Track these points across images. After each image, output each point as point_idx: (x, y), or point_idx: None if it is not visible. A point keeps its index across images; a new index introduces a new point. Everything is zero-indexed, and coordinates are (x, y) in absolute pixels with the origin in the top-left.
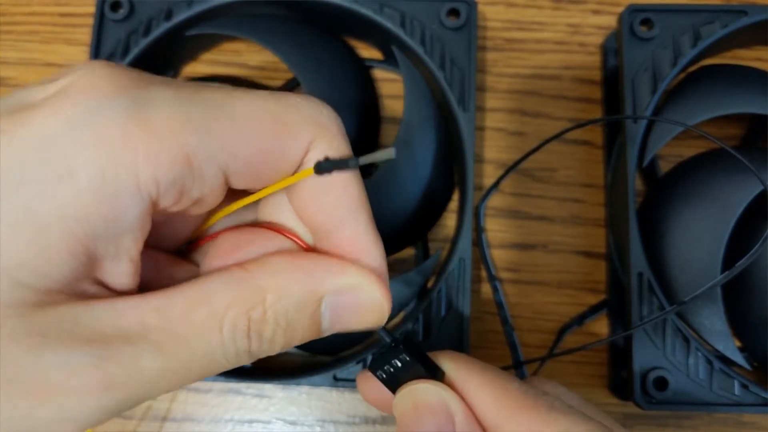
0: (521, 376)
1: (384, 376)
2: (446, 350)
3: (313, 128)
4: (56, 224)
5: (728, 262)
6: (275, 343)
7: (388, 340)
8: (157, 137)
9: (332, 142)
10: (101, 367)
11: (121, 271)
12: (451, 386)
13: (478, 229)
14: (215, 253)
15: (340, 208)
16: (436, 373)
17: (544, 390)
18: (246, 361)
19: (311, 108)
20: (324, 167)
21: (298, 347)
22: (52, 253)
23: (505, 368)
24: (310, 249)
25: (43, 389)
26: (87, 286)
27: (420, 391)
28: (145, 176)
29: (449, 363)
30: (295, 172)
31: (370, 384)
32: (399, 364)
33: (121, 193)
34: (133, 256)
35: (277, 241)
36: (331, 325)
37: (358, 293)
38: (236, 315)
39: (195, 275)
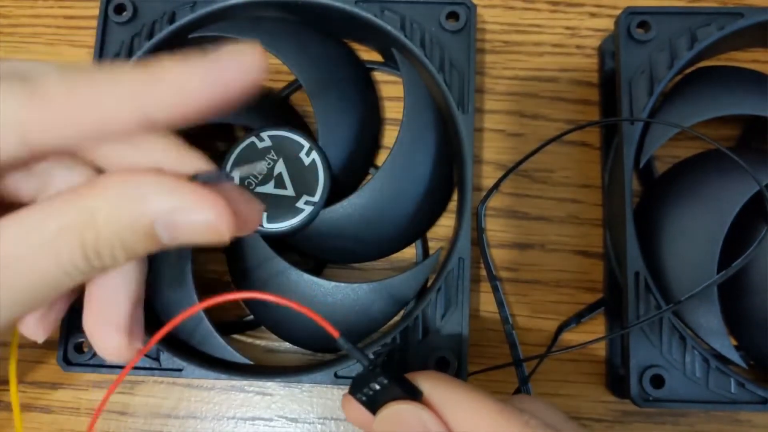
0: (521, 375)
1: (364, 398)
2: (424, 371)
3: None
4: None
5: (724, 261)
6: (117, 258)
7: (365, 364)
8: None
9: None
10: None
11: None
12: (428, 406)
13: (479, 230)
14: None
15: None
16: (414, 394)
17: (522, 408)
18: (96, 274)
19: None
20: (201, 179)
21: (298, 346)
22: None
23: (504, 366)
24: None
25: None
26: None
27: (398, 412)
28: None
29: (427, 383)
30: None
31: (353, 406)
32: (377, 387)
33: None
34: None
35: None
36: (171, 241)
37: (189, 214)
38: (70, 238)
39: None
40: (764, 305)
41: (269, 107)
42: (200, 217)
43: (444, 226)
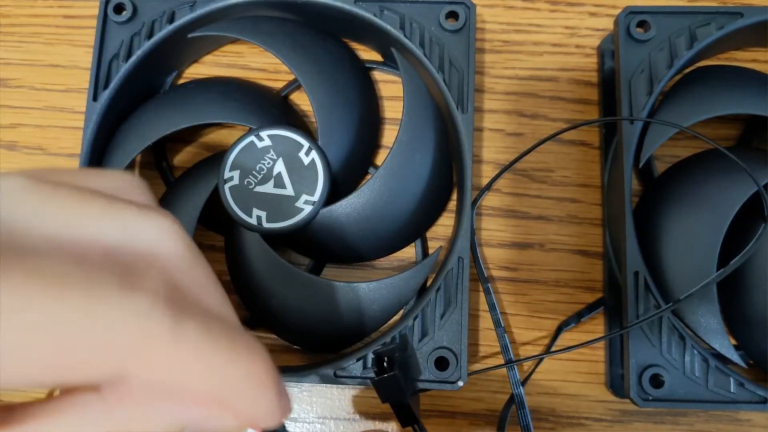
0: (513, 378)
1: None
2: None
3: (131, 349)
4: None
5: (723, 261)
6: None
7: None
8: None
9: (166, 353)
10: None
11: None
12: None
13: (471, 231)
14: None
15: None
16: None
17: None
18: None
19: (135, 319)
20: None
21: (298, 345)
22: None
23: (502, 366)
24: None
25: None
26: None
27: None
28: None
29: None
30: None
31: None
32: None
33: None
34: None
35: None
36: None
37: (221, 420)
38: None
39: None
40: (763, 305)
41: (269, 106)
42: (228, 424)
43: (444, 225)
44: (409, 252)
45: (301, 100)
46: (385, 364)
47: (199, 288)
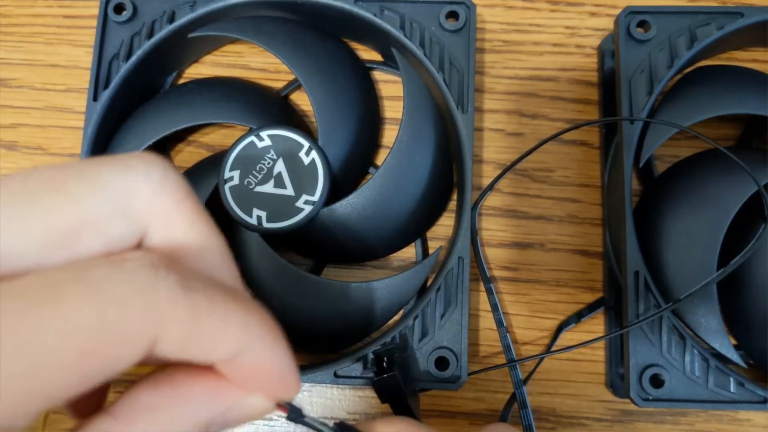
0: (515, 378)
1: None
2: (386, 418)
3: (152, 321)
4: None
5: (723, 261)
6: None
7: (321, 429)
8: None
9: (180, 320)
10: None
11: None
12: None
13: (472, 232)
14: None
15: (221, 352)
16: None
17: None
18: None
19: (144, 294)
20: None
21: (298, 345)
22: None
23: (503, 366)
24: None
25: None
26: None
27: None
28: None
29: None
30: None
31: None
32: None
33: None
34: None
35: None
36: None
37: (241, 408)
38: None
39: None
40: (764, 305)
41: (269, 106)
42: (251, 407)
43: (444, 225)
44: (409, 252)
45: (301, 100)
46: (384, 364)
47: (198, 249)
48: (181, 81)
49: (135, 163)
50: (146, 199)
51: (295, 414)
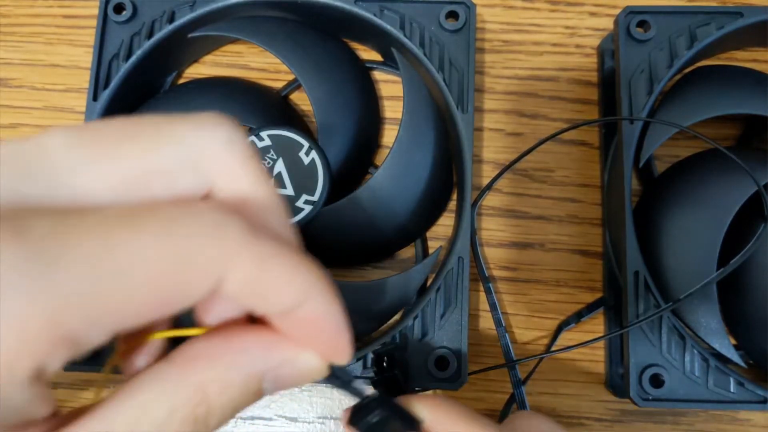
0: (514, 379)
1: (364, 429)
2: (424, 395)
3: (221, 254)
4: None
5: (723, 261)
6: (222, 421)
7: (362, 398)
8: (24, 332)
9: (249, 259)
10: None
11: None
12: None
13: (471, 232)
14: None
15: (285, 299)
16: (412, 424)
17: (522, 429)
18: None
19: (213, 228)
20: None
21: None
22: None
23: (502, 366)
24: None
25: None
26: None
27: None
28: (22, 372)
29: (426, 409)
30: (207, 299)
31: None
32: (376, 419)
33: (1, 392)
34: (36, 415)
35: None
36: (272, 391)
37: (295, 364)
38: (182, 419)
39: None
40: (764, 305)
41: (269, 106)
42: (305, 365)
43: (444, 225)
44: (409, 252)
45: (301, 100)
46: (384, 364)
47: (261, 206)
48: (181, 81)
49: (206, 121)
50: (215, 155)
51: (341, 378)
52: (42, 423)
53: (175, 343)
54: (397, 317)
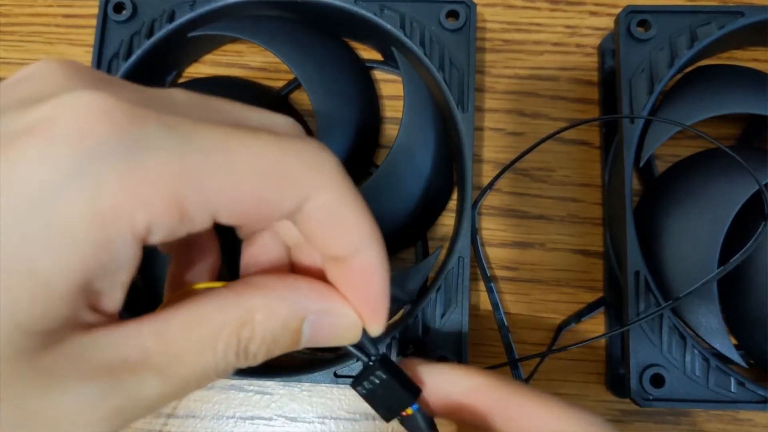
0: (517, 375)
1: (364, 392)
2: (484, 370)
3: (313, 177)
4: (58, 277)
5: (724, 260)
6: (258, 357)
7: (364, 359)
8: (154, 186)
9: (334, 191)
10: (107, 399)
11: (116, 298)
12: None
13: (472, 231)
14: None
15: (349, 240)
16: (413, 391)
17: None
18: (228, 374)
19: (313, 154)
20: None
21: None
22: (55, 300)
23: (502, 365)
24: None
25: (53, 427)
26: (86, 316)
27: None
28: (140, 225)
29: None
30: (292, 216)
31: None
32: (377, 381)
33: (117, 242)
34: (125, 285)
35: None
36: (309, 341)
37: (338, 316)
38: (229, 334)
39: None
40: (764, 304)
41: (269, 106)
42: (346, 320)
43: (444, 225)
44: (409, 252)
45: (301, 99)
46: (409, 351)
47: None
48: (181, 80)
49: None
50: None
51: (368, 354)
52: (108, 317)
53: None
54: (397, 317)
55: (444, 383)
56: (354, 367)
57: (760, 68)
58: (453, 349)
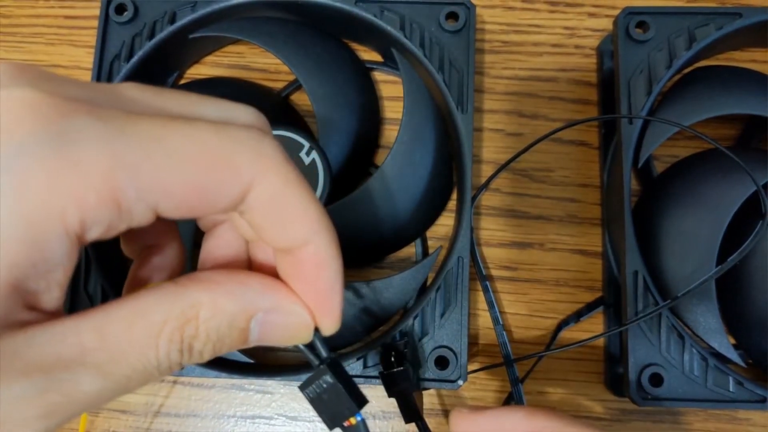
0: (512, 376)
1: (310, 395)
2: (544, 408)
3: (254, 163)
4: None
5: (722, 261)
6: (204, 355)
7: (315, 361)
8: (85, 179)
9: (277, 177)
10: (43, 397)
11: (54, 296)
12: None
13: (469, 227)
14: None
15: (296, 230)
16: (359, 401)
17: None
18: (173, 372)
19: (253, 141)
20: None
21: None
22: None
23: (501, 365)
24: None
25: None
26: (21, 314)
27: None
28: (72, 220)
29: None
30: (237, 207)
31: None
32: (324, 386)
33: (48, 238)
34: (62, 284)
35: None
36: (258, 339)
37: (288, 314)
38: (171, 330)
39: None
40: (763, 304)
41: (269, 107)
42: (296, 318)
43: (444, 225)
44: (409, 252)
45: (302, 100)
46: (393, 358)
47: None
48: (183, 81)
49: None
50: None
51: (319, 356)
52: (47, 315)
53: None
54: (397, 317)
55: (505, 429)
56: (354, 367)
57: (758, 69)
58: (452, 349)
